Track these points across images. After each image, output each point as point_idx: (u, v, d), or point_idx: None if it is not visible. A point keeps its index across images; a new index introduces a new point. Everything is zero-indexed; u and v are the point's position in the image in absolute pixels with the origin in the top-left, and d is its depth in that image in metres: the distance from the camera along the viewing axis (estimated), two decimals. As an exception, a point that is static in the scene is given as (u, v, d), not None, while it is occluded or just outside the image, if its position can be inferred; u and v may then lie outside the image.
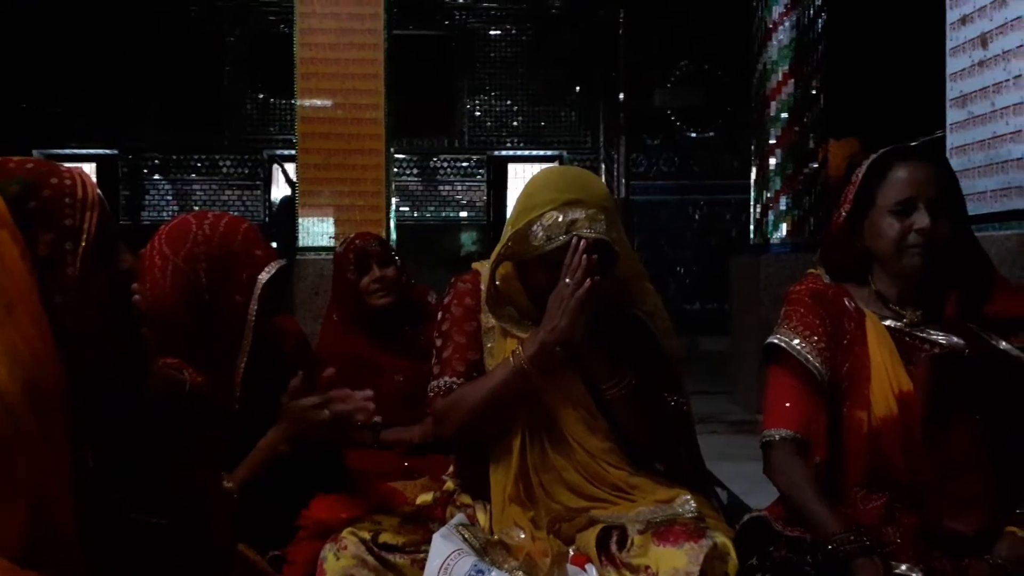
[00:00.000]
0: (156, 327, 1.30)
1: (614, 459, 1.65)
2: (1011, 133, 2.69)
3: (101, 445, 1.10)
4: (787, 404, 1.62)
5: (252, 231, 1.77)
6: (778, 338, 1.65)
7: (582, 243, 1.55)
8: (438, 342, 1.73)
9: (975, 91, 2.85)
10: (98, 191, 1.10)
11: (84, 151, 8.77)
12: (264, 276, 1.72)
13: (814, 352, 1.61)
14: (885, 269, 1.62)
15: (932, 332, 1.58)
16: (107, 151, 8.95)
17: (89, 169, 8.10)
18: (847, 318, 1.62)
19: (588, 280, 1.55)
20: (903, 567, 1.43)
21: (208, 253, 1.68)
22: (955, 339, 1.56)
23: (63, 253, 1.03)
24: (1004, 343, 1.55)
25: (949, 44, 3.00)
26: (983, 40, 2.80)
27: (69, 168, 1.10)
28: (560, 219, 1.59)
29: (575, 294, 1.55)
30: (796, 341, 1.62)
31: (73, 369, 1.00)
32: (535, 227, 1.59)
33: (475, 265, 1.82)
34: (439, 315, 1.77)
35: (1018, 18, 2.63)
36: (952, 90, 2.98)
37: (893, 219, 1.56)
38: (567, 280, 1.56)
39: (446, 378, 1.68)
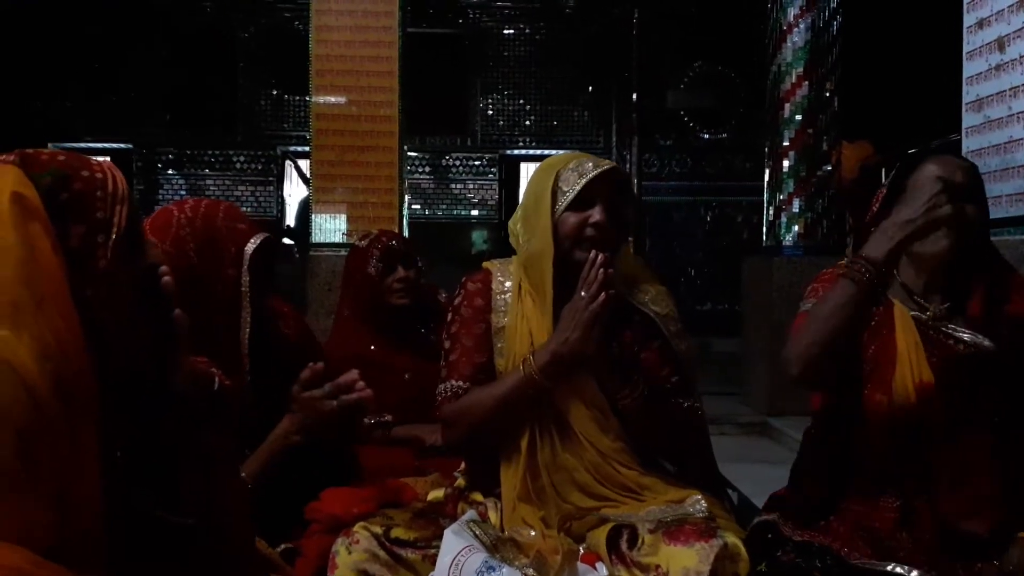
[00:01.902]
0: None
1: (625, 459, 1.65)
2: (1028, 137, 2.68)
3: (131, 441, 1.09)
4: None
5: (232, 208, 1.81)
6: (804, 304, 1.69)
7: (600, 257, 1.58)
8: (446, 344, 1.74)
9: (992, 95, 2.84)
10: (126, 184, 1.09)
11: (98, 145, 8.79)
12: (250, 246, 1.74)
13: None
14: (912, 257, 1.62)
15: (957, 329, 1.58)
16: (121, 145, 8.97)
17: (103, 163, 8.07)
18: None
19: (603, 294, 1.56)
20: (914, 573, 1.43)
21: (193, 233, 1.71)
22: (980, 337, 1.56)
23: (94, 246, 1.03)
24: None
25: (966, 48, 2.99)
26: (1000, 44, 2.79)
27: (99, 161, 1.10)
28: (583, 160, 1.68)
29: (589, 307, 1.56)
30: None
31: (103, 363, 1.00)
32: (561, 177, 1.66)
33: (486, 264, 1.82)
34: (448, 315, 1.77)
35: (1036, 22, 2.62)
36: (968, 94, 2.96)
37: None
38: (582, 293, 1.58)
39: (453, 382, 1.69)
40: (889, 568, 1.45)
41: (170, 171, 9.17)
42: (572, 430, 1.64)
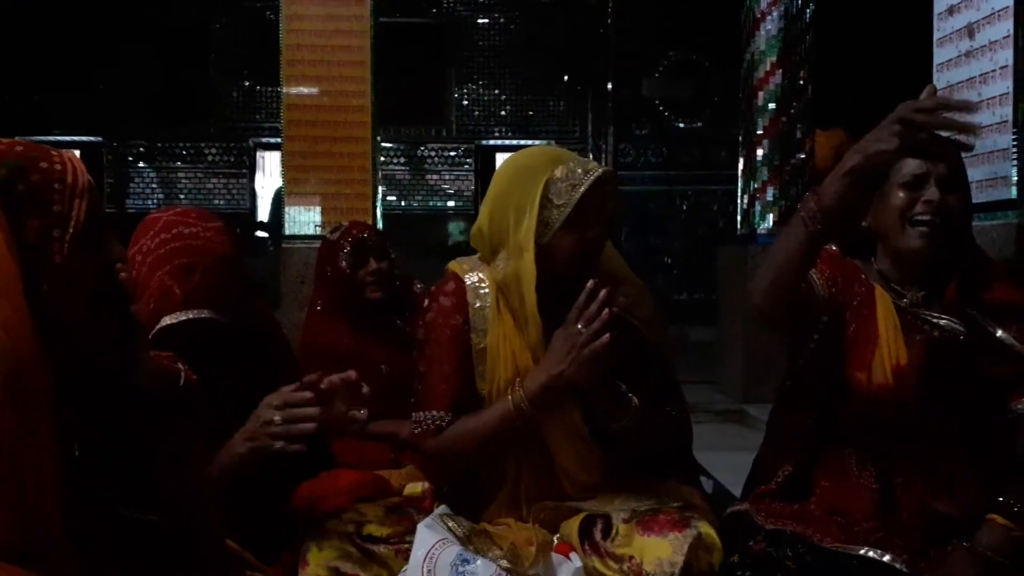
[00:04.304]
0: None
1: (601, 487, 1.61)
2: (997, 124, 2.69)
3: (90, 438, 1.08)
4: None
5: (184, 269, 1.54)
6: None
7: (602, 292, 1.46)
8: (421, 366, 1.62)
9: (962, 81, 2.85)
10: (88, 177, 1.07)
11: (68, 138, 8.66)
12: (167, 320, 1.50)
13: (819, 276, 1.61)
14: (888, 248, 1.63)
15: (932, 315, 1.59)
16: (92, 138, 8.86)
17: (73, 157, 7.91)
18: (858, 284, 1.64)
19: (607, 334, 1.45)
20: (887, 556, 1.44)
21: (140, 263, 1.54)
22: (955, 323, 1.57)
23: (50, 240, 1.01)
24: (1000, 331, 1.57)
25: (936, 34, 3.00)
26: (970, 30, 2.80)
27: (60, 152, 1.07)
28: (571, 166, 1.53)
29: (590, 345, 1.46)
30: None
31: (59, 360, 0.98)
32: (551, 189, 1.51)
33: (454, 269, 1.68)
34: (421, 331, 1.64)
35: (1004, 8, 2.63)
36: (939, 80, 2.97)
37: (902, 191, 1.57)
38: (579, 326, 1.47)
39: (433, 412, 1.59)
40: (862, 552, 1.46)
41: (141, 164, 9.07)
42: (553, 465, 1.59)
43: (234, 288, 1.63)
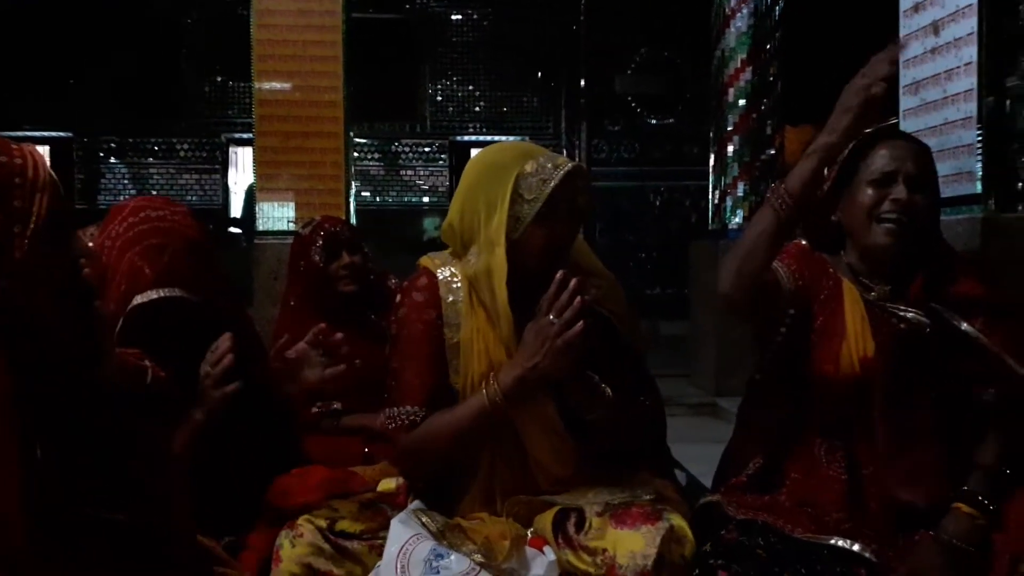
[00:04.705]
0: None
1: (573, 480, 1.61)
2: (962, 119, 2.72)
3: (55, 437, 1.06)
4: None
5: (154, 249, 1.56)
6: None
7: (573, 282, 1.46)
8: (394, 362, 1.61)
9: (927, 78, 2.88)
10: (51, 172, 1.05)
11: (38, 134, 8.52)
12: (139, 299, 1.51)
13: (785, 269, 1.65)
14: (856, 243, 1.65)
15: (899, 308, 1.62)
16: (62, 134, 8.74)
17: (43, 152, 7.71)
18: (826, 278, 1.67)
19: (580, 323, 1.45)
20: (856, 546, 1.47)
21: (110, 248, 1.55)
22: (921, 316, 1.60)
23: (11, 236, 0.99)
24: (965, 324, 1.59)
25: (903, 31, 3.03)
26: (935, 27, 2.83)
27: (20, 146, 1.05)
28: (542, 161, 1.53)
29: (563, 336, 1.45)
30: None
31: (20, 358, 0.97)
32: (521, 184, 1.51)
33: (426, 264, 1.66)
34: (393, 326, 1.63)
35: (968, 6, 2.67)
36: (905, 77, 3.00)
37: (871, 188, 1.60)
38: (551, 317, 1.47)
39: (407, 407, 1.57)
40: (832, 542, 1.48)
41: (112, 160, 8.96)
42: (527, 459, 1.58)
43: (204, 271, 1.65)
